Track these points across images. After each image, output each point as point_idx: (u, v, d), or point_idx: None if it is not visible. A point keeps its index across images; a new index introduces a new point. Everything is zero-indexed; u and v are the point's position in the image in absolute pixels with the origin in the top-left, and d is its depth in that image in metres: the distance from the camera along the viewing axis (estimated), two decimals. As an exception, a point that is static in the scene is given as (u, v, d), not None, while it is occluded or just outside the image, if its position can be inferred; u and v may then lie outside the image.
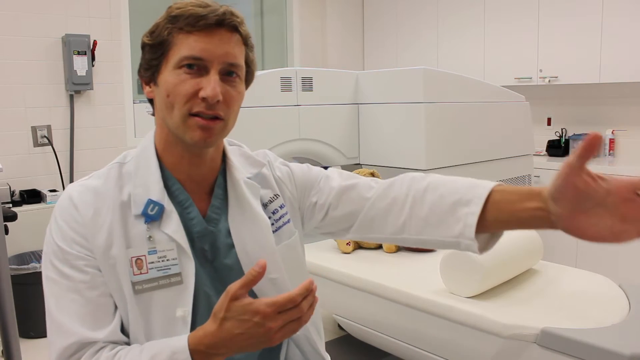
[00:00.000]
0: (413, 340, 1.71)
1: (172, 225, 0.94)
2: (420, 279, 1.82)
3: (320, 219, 1.10)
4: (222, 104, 0.90)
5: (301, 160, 2.84)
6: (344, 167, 2.84)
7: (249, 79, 1.00)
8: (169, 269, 0.93)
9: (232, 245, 1.00)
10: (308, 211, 1.11)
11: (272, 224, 1.04)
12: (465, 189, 0.94)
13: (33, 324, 2.90)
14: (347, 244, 2.17)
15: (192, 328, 0.93)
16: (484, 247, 0.93)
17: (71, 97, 3.50)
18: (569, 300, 1.65)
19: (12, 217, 2.56)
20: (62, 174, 3.45)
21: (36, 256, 3.11)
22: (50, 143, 3.42)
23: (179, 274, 0.94)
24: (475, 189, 0.93)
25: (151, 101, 0.99)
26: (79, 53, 3.43)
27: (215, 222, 1.00)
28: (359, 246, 2.24)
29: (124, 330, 0.92)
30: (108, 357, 0.86)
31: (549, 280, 1.81)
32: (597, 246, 3.54)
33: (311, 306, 0.82)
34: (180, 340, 0.84)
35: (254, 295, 1.01)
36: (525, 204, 0.86)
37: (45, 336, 0.95)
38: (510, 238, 1.83)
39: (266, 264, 0.80)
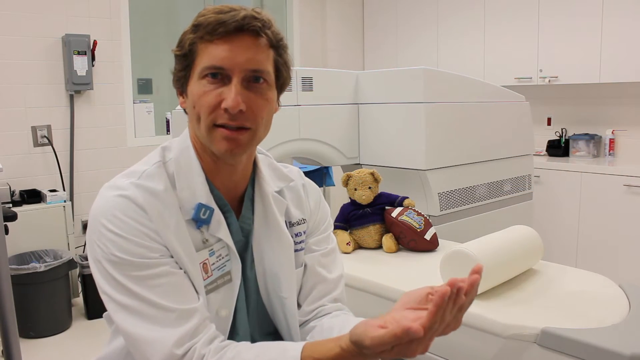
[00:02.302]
0: (413, 340, 1.71)
1: (222, 228, 0.94)
2: (420, 279, 1.81)
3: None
4: (248, 113, 0.88)
5: (301, 160, 2.84)
6: (344, 167, 2.84)
7: (281, 83, 0.96)
8: (225, 266, 0.94)
9: (253, 259, 1.00)
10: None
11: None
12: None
13: (33, 324, 2.90)
14: (347, 243, 2.17)
15: (232, 326, 0.95)
16: None
17: (71, 97, 3.50)
18: (569, 300, 1.65)
19: (12, 217, 2.56)
20: (62, 174, 3.45)
21: (36, 256, 3.11)
22: (50, 143, 3.42)
23: (229, 272, 0.95)
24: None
25: (185, 111, 0.97)
26: (79, 53, 3.43)
27: (246, 233, 1.00)
28: (358, 246, 2.23)
29: None
30: (218, 349, 0.85)
31: (549, 280, 1.81)
32: (597, 246, 3.55)
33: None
34: (293, 356, 0.82)
35: (263, 311, 1.03)
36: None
37: (45, 336, 0.92)
38: (510, 238, 1.83)
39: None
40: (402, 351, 0.73)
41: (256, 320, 1.02)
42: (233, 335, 0.97)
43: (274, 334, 1.04)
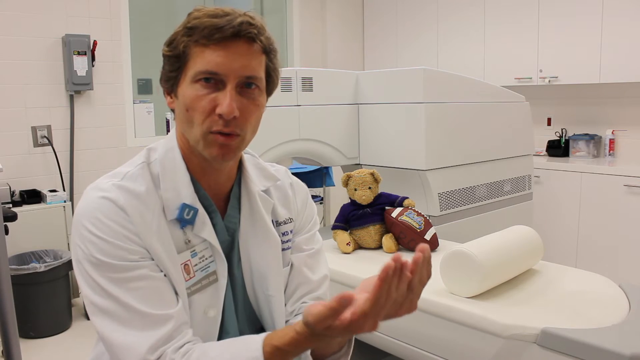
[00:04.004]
0: (413, 340, 1.71)
1: (207, 229, 0.94)
2: (420, 279, 1.81)
3: None
4: (240, 120, 0.88)
5: (301, 160, 2.84)
6: (344, 167, 2.84)
7: (270, 88, 0.97)
8: (208, 267, 0.95)
9: (240, 258, 1.00)
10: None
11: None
12: None
13: (33, 324, 2.90)
14: (347, 244, 2.17)
15: (221, 326, 0.96)
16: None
17: (71, 97, 3.50)
18: (569, 300, 1.65)
19: (12, 217, 2.56)
20: (62, 174, 3.45)
21: (36, 256, 3.11)
22: (50, 143, 3.42)
23: (214, 272, 0.95)
24: None
25: (173, 110, 0.97)
26: (79, 53, 3.43)
27: (231, 232, 1.00)
28: (358, 246, 2.23)
29: None
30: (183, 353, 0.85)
31: (549, 280, 1.81)
32: (597, 246, 3.55)
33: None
34: (254, 349, 0.83)
35: (251, 309, 1.03)
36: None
37: (45, 336, 0.93)
38: (510, 238, 1.83)
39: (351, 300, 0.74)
40: (349, 327, 0.73)
41: (245, 317, 1.03)
42: (223, 334, 0.97)
43: (264, 330, 1.05)
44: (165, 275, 0.89)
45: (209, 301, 0.94)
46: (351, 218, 2.24)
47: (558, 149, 4.06)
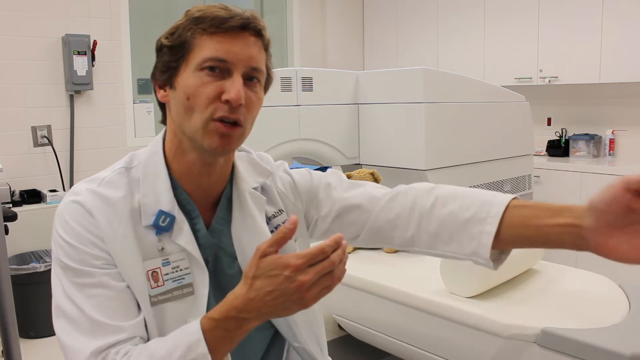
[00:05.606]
0: (413, 340, 1.71)
1: (184, 236, 0.92)
2: (420, 279, 1.82)
3: (325, 229, 1.09)
4: (243, 109, 0.88)
5: (301, 160, 2.84)
6: (344, 167, 2.84)
7: (267, 86, 0.97)
8: (183, 279, 0.92)
9: (235, 257, 0.99)
10: (312, 221, 1.10)
11: None
12: (478, 205, 0.92)
13: (33, 324, 2.90)
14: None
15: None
16: (496, 261, 0.92)
17: (71, 97, 3.50)
18: (569, 300, 1.65)
19: (12, 217, 2.56)
20: (62, 174, 3.45)
21: (36, 256, 3.11)
22: (50, 143, 3.42)
23: (190, 285, 0.92)
24: (489, 207, 0.90)
25: (162, 106, 0.96)
26: (79, 53, 3.43)
27: (219, 233, 0.98)
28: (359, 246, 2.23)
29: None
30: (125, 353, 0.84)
31: (549, 280, 1.81)
32: (597, 246, 3.53)
33: (342, 261, 0.76)
34: (194, 331, 0.80)
35: None
36: (554, 219, 0.83)
37: (45, 336, 0.92)
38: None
39: (298, 220, 0.76)
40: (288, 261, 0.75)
41: None
42: None
43: (270, 329, 1.04)
44: (128, 286, 0.88)
45: (190, 311, 0.92)
46: (351, 218, 2.23)
47: (558, 149, 4.06)
